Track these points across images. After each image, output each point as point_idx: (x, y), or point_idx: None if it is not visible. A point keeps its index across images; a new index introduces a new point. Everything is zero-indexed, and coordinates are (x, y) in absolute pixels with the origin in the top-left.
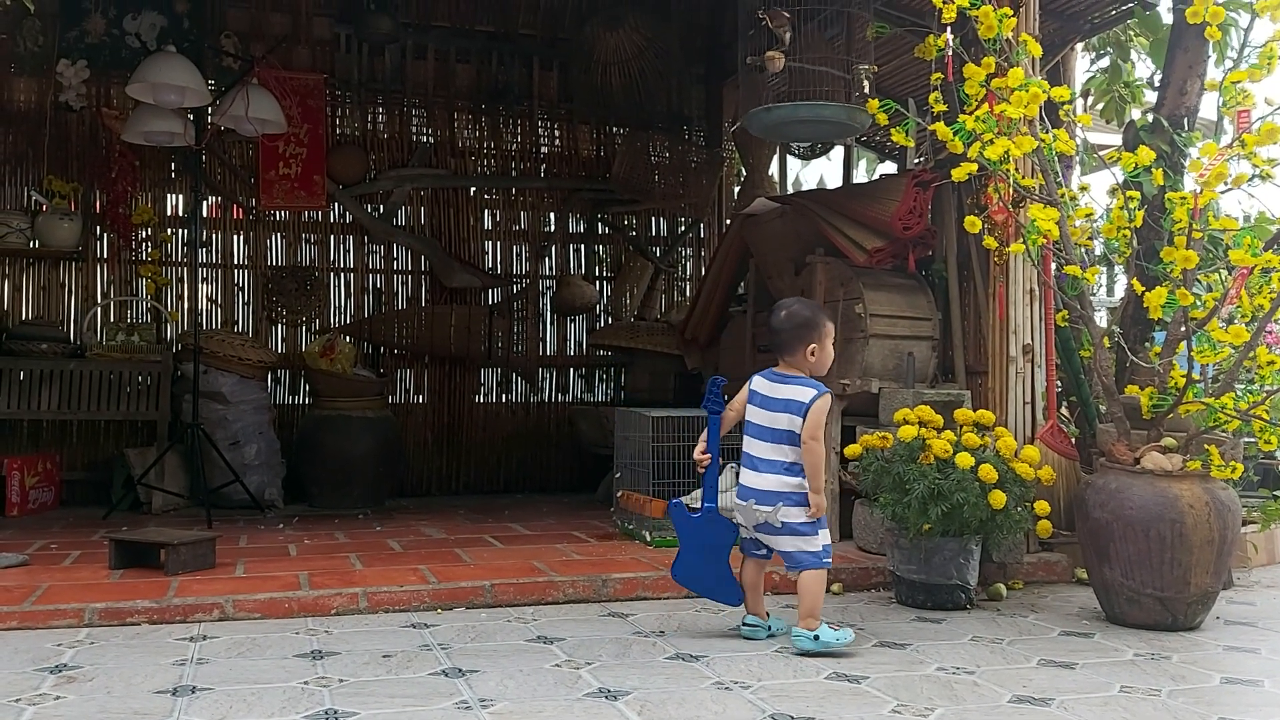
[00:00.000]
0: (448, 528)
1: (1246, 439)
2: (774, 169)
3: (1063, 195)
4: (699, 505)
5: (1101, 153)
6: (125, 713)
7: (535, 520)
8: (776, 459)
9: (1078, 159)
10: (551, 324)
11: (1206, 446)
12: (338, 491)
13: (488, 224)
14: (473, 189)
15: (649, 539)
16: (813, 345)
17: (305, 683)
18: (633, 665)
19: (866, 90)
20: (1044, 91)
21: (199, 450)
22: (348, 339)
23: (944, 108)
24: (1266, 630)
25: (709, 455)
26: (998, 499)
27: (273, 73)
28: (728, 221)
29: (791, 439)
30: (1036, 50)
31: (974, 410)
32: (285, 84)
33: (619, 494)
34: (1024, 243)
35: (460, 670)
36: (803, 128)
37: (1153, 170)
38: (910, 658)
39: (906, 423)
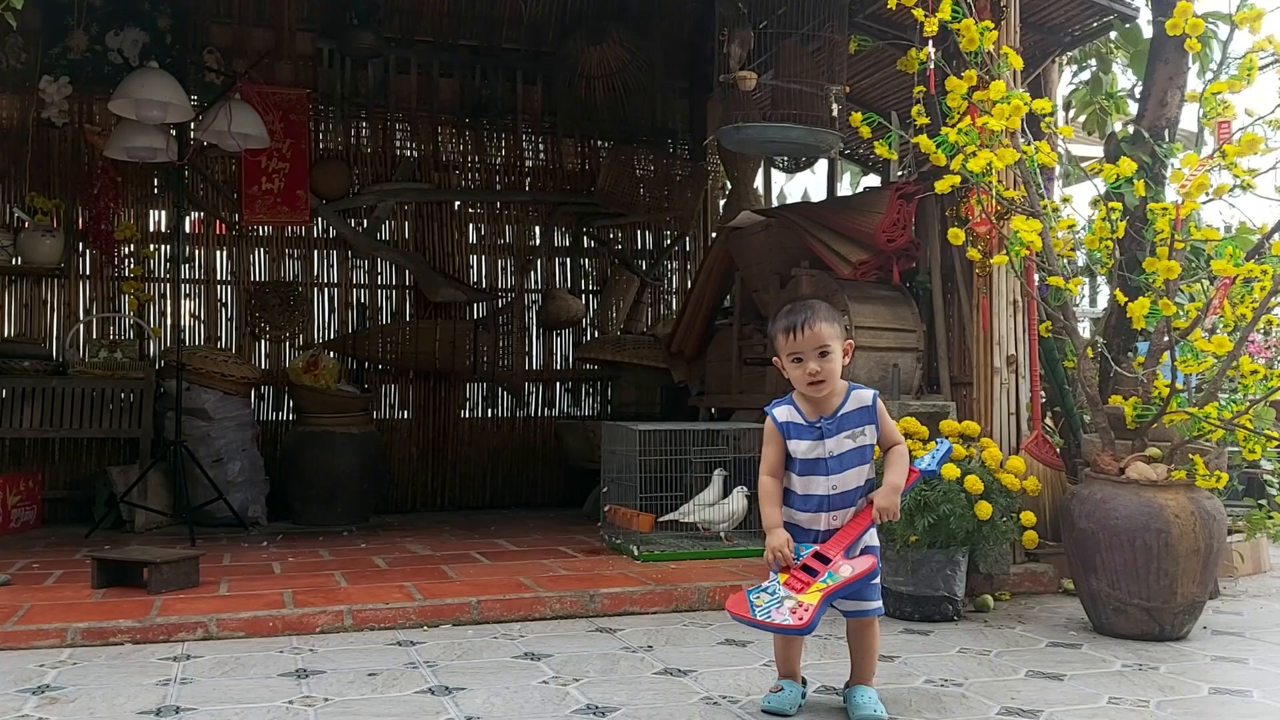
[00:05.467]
0: (434, 544)
1: (1231, 449)
2: (759, 182)
3: (1045, 207)
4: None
5: (1084, 164)
6: None
7: (522, 536)
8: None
9: (1060, 171)
10: (537, 338)
11: (1191, 456)
12: (322, 508)
13: (472, 238)
14: (457, 203)
15: (636, 553)
16: (775, 359)
17: (290, 702)
18: (621, 681)
19: (835, 113)
20: (1026, 104)
21: (182, 468)
22: (332, 355)
23: (926, 120)
24: (1254, 640)
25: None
26: (984, 510)
27: (255, 88)
28: (713, 235)
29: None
30: (1018, 63)
31: (959, 421)
32: (268, 99)
33: (606, 508)
34: (1007, 254)
35: (447, 688)
36: (773, 145)
37: (1134, 181)
38: (899, 670)
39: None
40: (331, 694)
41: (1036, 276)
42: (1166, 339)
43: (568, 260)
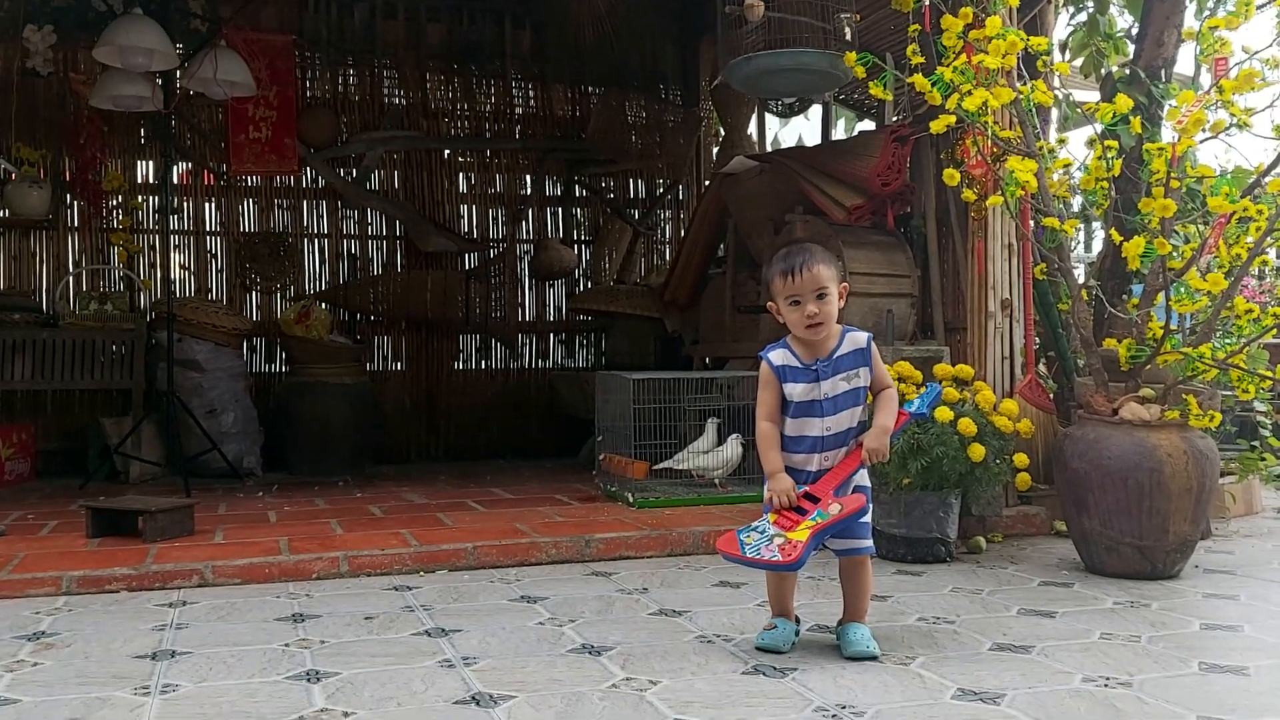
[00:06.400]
0: (429, 493)
1: (1224, 392)
2: (753, 128)
3: (1041, 148)
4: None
5: (1080, 107)
6: (104, 677)
7: (517, 485)
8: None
9: (1057, 115)
10: (530, 289)
11: (1184, 396)
12: (316, 459)
13: (462, 187)
14: (446, 151)
15: (631, 500)
16: (770, 304)
17: (286, 645)
18: (616, 621)
19: (849, 38)
20: (1022, 39)
21: (175, 419)
22: (323, 305)
23: (922, 60)
24: (1245, 578)
25: None
26: (977, 452)
27: (241, 34)
28: (706, 182)
29: None
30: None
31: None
32: (253, 45)
33: (601, 457)
34: (1002, 195)
35: (443, 630)
36: (784, 77)
37: (1130, 119)
38: (891, 609)
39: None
40: (328, 637)
41: (1031, 221)
42: (1161, 279)
43: (560, 210)
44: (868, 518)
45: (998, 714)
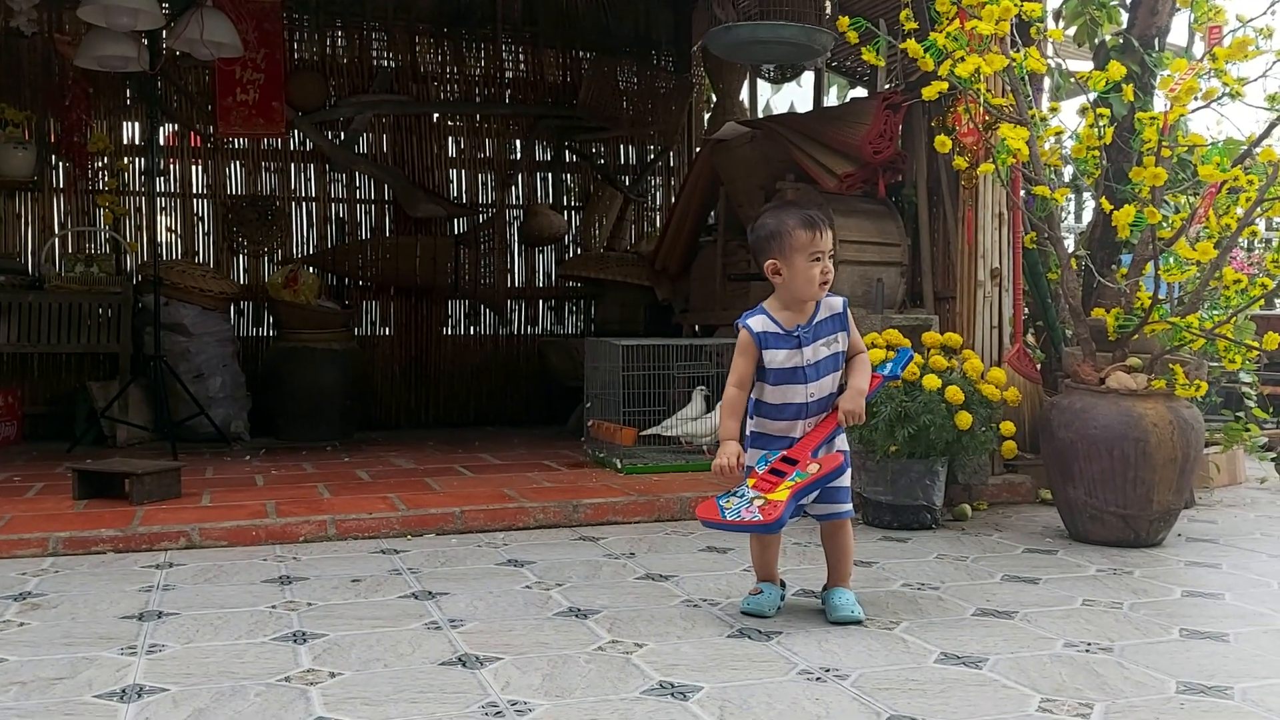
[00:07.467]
0: (417, 458)
1: (1211, 362)
2: (744, 94)
3: (1033, 115)
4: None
5: (1073, 76)
6: (91, 637)
7: (506, 451)
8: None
9: (1050, 85)
10: (519, 255)
11: (1171, 366)
12: (304, 424)
13: (452, 152)
14: (436, 116)
15: (620, 466)
16: (773, 261)
17: (273, 606)
18: (603, 586)
19: (828, 12)
20: (1015, 6)
21: (162, 383)
22: (311, 270)
23: (915, 26)
24: (1228, 547)
25: None
26: (964, 420)
27: None
28: (698, 149)
29: None
30: None
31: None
32: (241, 6)
33: (590, 423)
34: (994, 163)
35: (430, 593)
36: (763, 48)
37: (1123, 86)
38: (876, 575)
39: (874, 347)
40: (315, 599)
41: (1022, 190)
42: (1150, 248)
43: (550, 175)
44: (846, 481)
45: (980, 677)
